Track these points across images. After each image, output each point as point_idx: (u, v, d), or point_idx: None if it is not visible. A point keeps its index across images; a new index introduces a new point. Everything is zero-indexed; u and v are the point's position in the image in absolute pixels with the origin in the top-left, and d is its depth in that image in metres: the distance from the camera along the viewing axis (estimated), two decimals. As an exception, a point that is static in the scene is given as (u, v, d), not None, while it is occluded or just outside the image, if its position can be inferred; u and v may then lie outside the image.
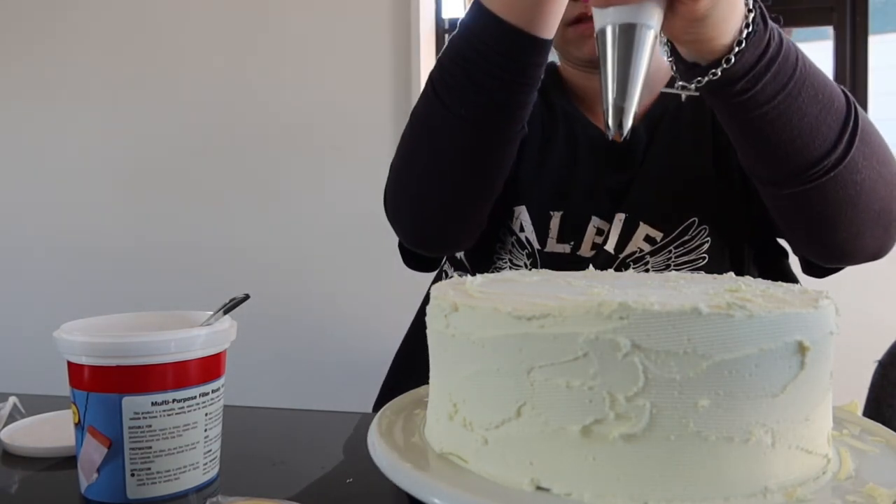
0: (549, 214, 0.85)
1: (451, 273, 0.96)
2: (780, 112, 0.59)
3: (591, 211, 0.84)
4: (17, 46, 2.28)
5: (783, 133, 0.60)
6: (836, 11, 1.93)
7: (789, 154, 0.62)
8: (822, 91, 0.61)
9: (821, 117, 0.61)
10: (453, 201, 0.76)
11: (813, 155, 0.62)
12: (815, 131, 0.61)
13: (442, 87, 0.69)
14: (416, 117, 0.74)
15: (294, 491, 0.58)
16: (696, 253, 0.82)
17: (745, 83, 0.58)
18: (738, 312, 0.39)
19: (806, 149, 0.61)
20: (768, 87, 0.58)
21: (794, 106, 0.60)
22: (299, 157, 2.11)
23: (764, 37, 0.57)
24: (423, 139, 0.74)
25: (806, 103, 0.60)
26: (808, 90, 0.60)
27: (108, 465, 0.54)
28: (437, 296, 0.48)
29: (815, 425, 0.43)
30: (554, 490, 0.41)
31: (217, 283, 2.09)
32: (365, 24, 2.05)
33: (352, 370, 2.02)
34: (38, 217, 2.27)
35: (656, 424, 0.39)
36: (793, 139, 0.61)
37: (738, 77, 0.57)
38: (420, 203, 0.77)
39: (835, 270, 0.80)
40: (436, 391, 0.49)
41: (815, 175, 0.63)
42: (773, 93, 0.59)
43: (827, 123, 0.61)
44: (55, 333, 0.56)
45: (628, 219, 0.83)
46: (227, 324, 0.59)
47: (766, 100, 0.59)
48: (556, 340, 0.40)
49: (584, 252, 0.84)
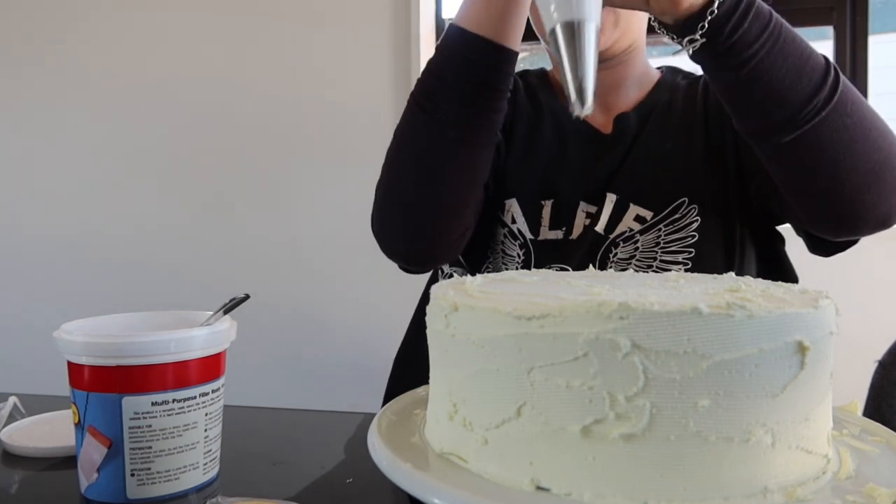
0: (541, 204, 0.87)
1: (445, 269, 0.97)
2: (767, 52, 0.64)
3: (580, 196, 0.87)
4: (17, 47, 2.28)
5: (773, 72, 0.65)
6: (836, 11, 1.93)
7: (782, 96, 0.66)
8: (799, 38, 0.67)
9: (803, 58, 0.66)
10: (441, 207, 0.78)
11: (802, 94, 0.65)
12: (800, 71, 0.65)
13: (422, 97, 0.75)
14: (400, 131, 0.78)
15: (294, 491, 0.58)
16: (686, 231, 0.84)
17: (733, 25, 0.63)
18: (738, 312, 0.39)
19: (795, 88, 0.65)
20: (753, 27, 0.64)
21: (778, 46, 0.65)
22: (299, 157, 2.11)
23: None
24: (408, 148, 0.77)
25: (787, 44, 0.65)
26: (787, 33, 0.65)
27: (108, 465, 0.54)
28: (437, 296, 0.48)
29: (815, 425, 0.43)
30: (554, 490, 0.41)
31: (217, 283, 2.09)
32: (365, 24, 2.05)
33: (352, 370, 2.02)
34: (38, 217, 2.27)
35: (656, 424, 0.39)
36: (782, 78, 0.65)
37: (723, 22, 0.63)
38: (409, 214, 0.79)
39: (843, 248, 0.80)
40: (436, 391, 0.49)
41: (808, 115, 0.66)
42: (759, 32, 0.64)
43: (810, 66, 0.66)
44: (55, 333, 0.56)
45: (619, 200, 0.85)
46: (227, 324, 0.59)
47: (754, 38, 0.64)
48: (556, 340, 0.40)
49: (575, 236, 0.86)
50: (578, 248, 0.85)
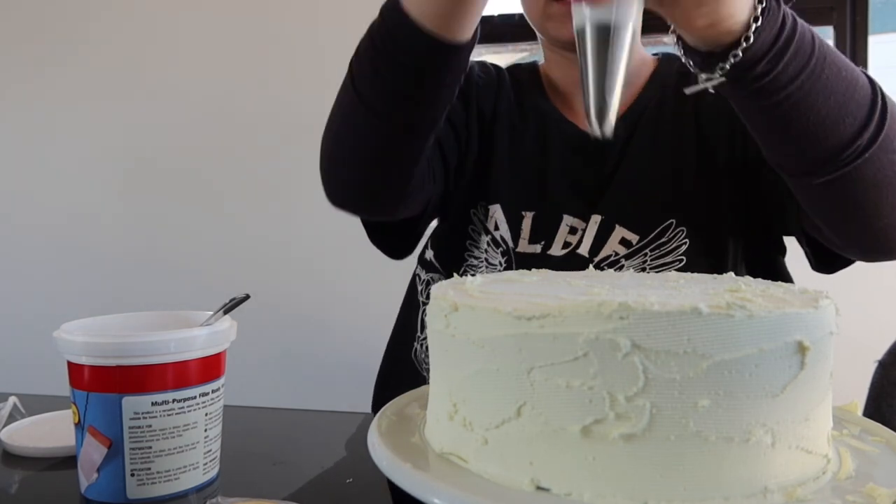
0: (521, 215, 0.84)
1: (423, 276, 0.95)
2: (806, 91, 0.56)
3: (564, 210, 0.83)
4: (17, 47, 2.28)
5: (811, 114, 0.57)
6: (836, 11, 1.93)
7: (820, 137, 0.58)
8: (845, 67, 0.58)
9: (847, 94, 0.57)
10: (364, 171, 0.74)
11: (844, 135, 0.58)
12: (843, 109, 0.57)
13: (356, 71, 0.67)
14: (339, 95, 0.72)
15: (294, 491, 0.58)
16: (674, 255, 0.80)
17: (767, 63, 0.54)
18: (738, 312, 0.39)
19: (836, 129, 0.57)
20: (791, 65, 0.55)
21: (819, 84, 0.56)
22: (299, 157, 2.09)
23: (778, 12, 0.54)
24: (338, 113, 0.72)
25: (831, 80, 0.56)
26: (830, 67, 0.56)
27: (108, 465, 0.54)
28: (437, 296, 0.48)
29: (815, 425, 0.43)
30: (554, 490, 0.41)
31: (217, 283, 2.09)
32: (365, 25, 2.04)
33: (352, 370, 2.01)
34: (38, 217, 2.27)
35: (656, 424, 0.39)
36: (822, 120, 0.57)
37: (759, 57, 0.54)
38: (335, 166, 0.76)
39: (847, 264, 0.77)
40: (436, 391, 0.49)
41: (850, 157, 0.58)
42: (797, 71, 0.55)
43: (855, 100, 0.57)
44: (55, 333, 0.56)
45: (604, 221, 0.81)
46: (227, 324, 0.59)
47: (790, 79, 0.55)
48: (556, 340, 0.40)
49: (554, 251, 0.83)
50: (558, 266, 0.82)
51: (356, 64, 0.67)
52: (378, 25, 0.65)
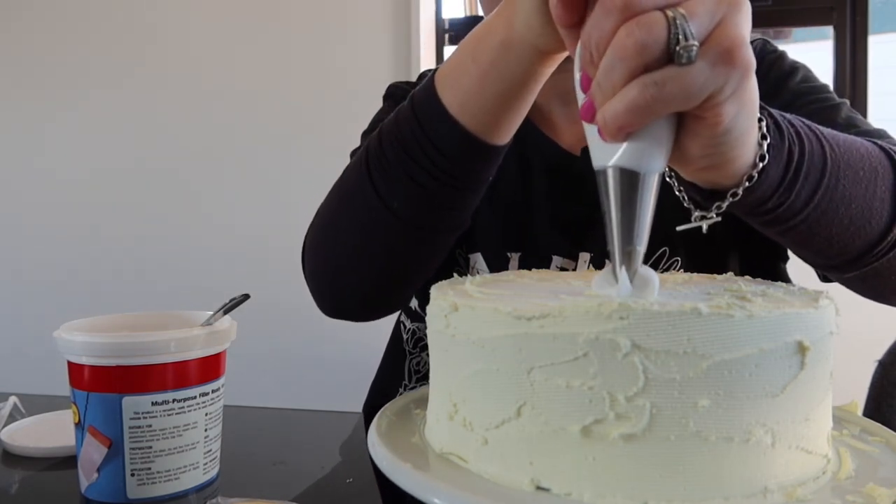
0: (507, 256, 0.79)
1: (408, 324, 0.91)
2: (823, 209, 0.51)
3: (552, 250, 0.78)
4: (17, 46, 2.28)
5: (833, 226, 0.52)
6: (836, 11, 1.93)
7: (846, 242, 0.54)
8: (860, 164, 0.53)
9: (869, 192, 0.53)
10: (380, 282, 0.67)
11: (872, 234, 0.54)
12: (867, 211, 0.53)
13: (377, 172, 0.60)
14: (346, 189, 0.64)
15: (294, 491, 0.58)
16: None
17: (778, 198, 0.49)
18: (738, 312, 0.39)
19: (862, 231, 0.54)
20: (804, 191, 0.50)
21: (837, 195, 0.51)
22: (299, 157, 2.11)
23: (783, 143, 0.48)
24: (350, 215, 0.64)
25: (848, 187, 0.52)
26: (845, 173, 0.51)
27: (108, 465, 0.54)
28: (437, 296, 0.48)
29: (815, 425, 0.43)
30: (554, 490, 0.41)
31: (217, 283, 2.09)
32: (365, 24, 2.05)
33: (352, 370, 2.01)
34: (38, 217, 2.27)
35: (656, 424, 0.39)
36: (846, 228, 0.53)
37: (769, 195, 0.49)
38: (341, 276, 0.68)
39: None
40: (436, 391, 0.49)
41: (881, 252, 0.55)
42: (810, 194, 0.50)
43: (878, 197, 0.53)
44: (55, 333, 0.56)
45: (594, 258, 0.77)
46: (227, 324, 0.59)
47: (805, 203, 0.50)
48: (556, 340, 0.40)
49: None
50: None
51: (379, 174, 0.59)
52: (412, 131, 0.57)
